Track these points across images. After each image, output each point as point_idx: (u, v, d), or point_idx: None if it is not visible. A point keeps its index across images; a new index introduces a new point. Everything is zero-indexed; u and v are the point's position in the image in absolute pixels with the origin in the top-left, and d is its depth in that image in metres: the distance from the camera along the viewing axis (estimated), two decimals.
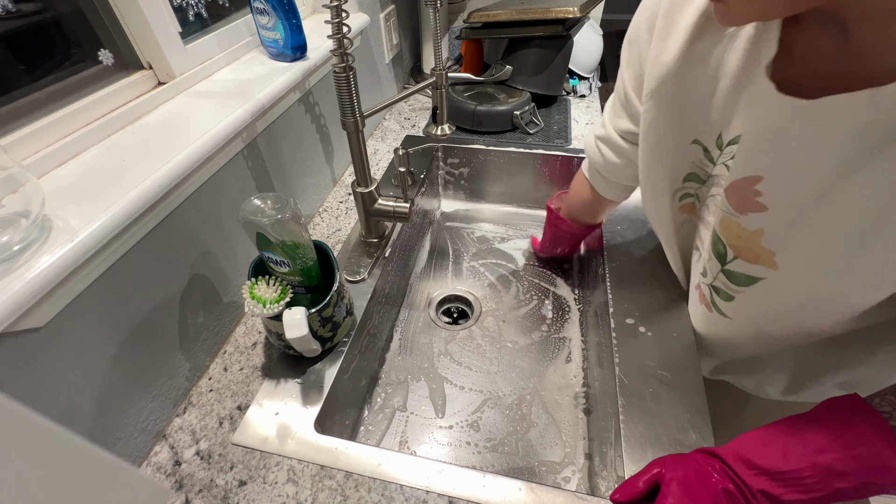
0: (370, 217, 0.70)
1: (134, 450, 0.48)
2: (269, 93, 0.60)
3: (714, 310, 0.51)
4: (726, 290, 0.48)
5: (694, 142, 0.46)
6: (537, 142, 0.96)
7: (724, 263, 0.46)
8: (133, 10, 0.52)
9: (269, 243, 0.48)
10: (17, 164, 0.36)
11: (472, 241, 0.96)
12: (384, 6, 1.00)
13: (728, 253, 0.45)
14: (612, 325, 0.60)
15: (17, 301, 0.33)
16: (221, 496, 0.46)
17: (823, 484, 0.34)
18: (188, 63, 0.60)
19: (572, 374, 0.72)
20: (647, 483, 0.41)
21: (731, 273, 0.46)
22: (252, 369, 0.57)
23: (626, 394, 0.52)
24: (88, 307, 0.41)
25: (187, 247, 0.52)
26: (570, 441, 0.64)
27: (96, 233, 0.38)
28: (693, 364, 0.55)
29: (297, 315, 0.49)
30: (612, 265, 0.68)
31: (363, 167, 0.64)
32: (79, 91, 0.49)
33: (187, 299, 0.53)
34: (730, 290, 0.48)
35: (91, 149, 0.48)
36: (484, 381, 0.71)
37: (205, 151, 0.49)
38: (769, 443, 0.38)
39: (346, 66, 0.53)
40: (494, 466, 0.62)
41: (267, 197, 0.48)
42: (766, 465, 0.37)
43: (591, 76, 1.21)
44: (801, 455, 0.36)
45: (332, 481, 0.47)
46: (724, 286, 0.48)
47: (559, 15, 0.95)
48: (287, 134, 0.69)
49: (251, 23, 0.70)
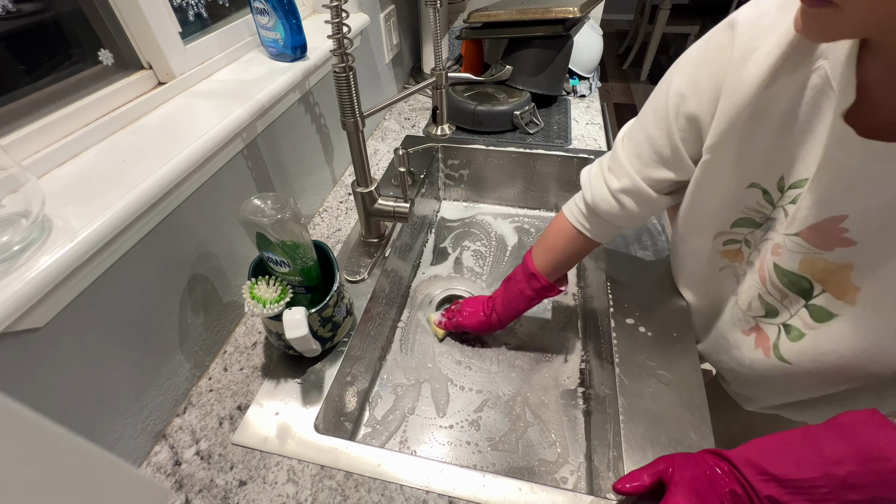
0: (370, 217, 0.70)
1: (134, 450, 0.48)
2: (269, 93, 0.60)
3: (774, 355, 0.49)
4: (801, 328, 0.46)
5: (751, 185, 0.45)
6: (537, 142, 0.96)
7: (810, 298, 0.44)
8: (133, 10, 0.52)
9: (268, 243, 0.48)
10: (17, 164, 0.36)
11: (472, 241, 0.96)
12: (384, 6, 1.00)
13: (814, 288, 0.44)
14: (612, 325, 0.60)
15: (17, 301, 0.33)
16: (221, 496, 0.46)
17: (834, 495, 0.34)
18: (188, 63, 0.60)
19: (572, 374, 0.72)
20: (652, 477, 0.41)
21: (815, 308, 0.44)
22: (252, 369, 0.57)
23: (626, 394, 0.52)
24: (88, 307, 0.41)
25: (187, 247, 0.52)
26: (570, 441, 0.64)
27: (96, 233, 0.38)
28: (693, 364, 0.55)
29: (297, 315, 0.49)
30: (611, 265, 0.68)
31: (363, 167, 0.64)
32: (79, 91, 0.49)
33: (187, 299, 0.53)
34: (805, 329, 0.46)
35: (91, 149, 0.48)
36: (484, 381, 0.71)
37: (205, 151, 0.49)
38: (783, 450, 0.38)
39: (346, 66, 0.54)
40: (494, 466, 0.62)
41: (267, 197, 0.48)
42: (777, 471, 0.36)
43: (591, 76, 1.21)
44: (815, 464, 0.35)
45: (332, 481, 0.47)
46: (802, 324, 0.46)
47: (559, 15, 0.95)
48: (287, 134, 0.69)
49: (251, 23, 0.70)
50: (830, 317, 0.43)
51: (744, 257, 0.51)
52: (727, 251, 0.53)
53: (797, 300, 0.46)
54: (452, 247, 0.95)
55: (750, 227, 0.49)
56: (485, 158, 0.97)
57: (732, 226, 0.50)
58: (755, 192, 0.45)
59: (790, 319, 0.47)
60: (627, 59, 3.72)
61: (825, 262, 0.41)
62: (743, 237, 0.50)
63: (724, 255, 0.53)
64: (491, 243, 0.95)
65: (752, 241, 0.50)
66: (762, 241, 0.48)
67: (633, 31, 3.89)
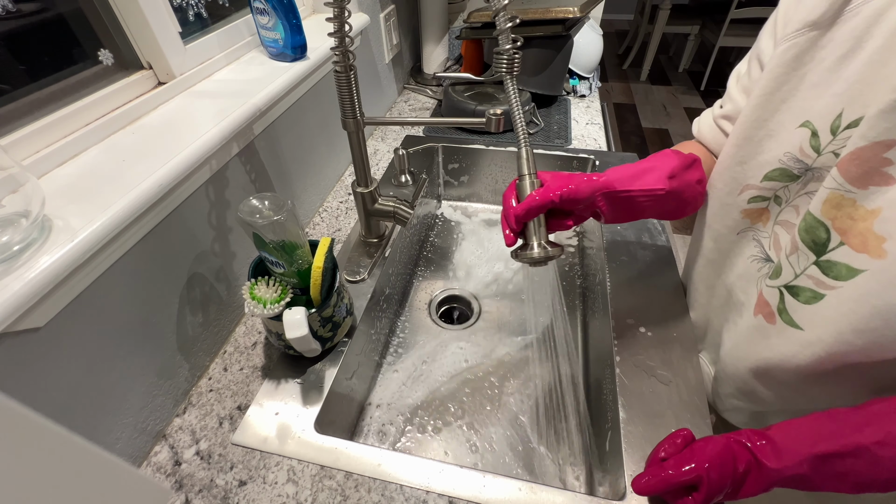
0: (370, 217, 0.70)
1: (134, 450, 0.48)
2: (269, 93, 0.60)
3: (779, 321, 0.43)
4: (815, 288, 0.40)
5: (803, 124, 0.40)
6: (537, 142, 0.96)
7: (824, 252, 0.38)
8: (133, 10, 0.52)
9: (264, 244, 0.48)
10: (17, 164, 0.36)
11: (472, 241, 0.96)
12: (384, 6, 1.00)
13: (832, 238, 0.38)
14: (612, 325, 0.60)
15: (17, 301, 0.33)
16: (221, 496, 0.46)
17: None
18: (188, 63, 0.60)
19: (572, 374, 0.72)
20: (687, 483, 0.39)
21: (831, 264, 0.38)
22: (252, 369, 0.57)
23: (626, 394, 0.52)
24: (88, 307, 0.41)
25: (187, 247, 0.52)
26: (570, 441, 0.64)
27: (96, 233, 0.38)
28: (693, 364, 0.55)
29: (297, 315, 0.49)
30: (612, 265, 0.68)
31: (363, 167, 0.64)
32: (79, 91, 0.49)
33: (187, 299, 0.53)
34: (820, 288, 0.39)
35: (91, 149, 0.48)
36: (484, 381, 0.71)
37: (205, 151, 0.49)
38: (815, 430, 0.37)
39: (347, 66, 0.53)
40: (494, 466, 0.62)
41: (265, 197, 0.48)
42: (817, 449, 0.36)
43: (591, 76, 1.21)
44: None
45: (332, 481, 0.47)
46: (814, 283, 0.40)
47: (559, 15, 0.95)
48: (287, 134, 0.69)
49: (251, 23, 0.70)
50: (854, 273, 0.37)
51: (770, 217, 0.45)
52: (750, 210, 0.46)
53: (806, 255, 0.40)
54: (452, 247, 0.95)
55: (784, 181, 0.43)
56: (485, 158, 0.97)
57: (764, 178, 0.44)
58: (803, 134, 0.40)
59: (795, 280, 0.41)
60: (627, 59, 3.72)
61: (853, 206, 0.36)
62: (773, 193, 0.44)
63: (746, 215, 0.47)
64: (490, 244, 0.95)
65: (784, 197, 0.43)
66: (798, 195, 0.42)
67: (633, 31, 3.89)
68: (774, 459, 0.37)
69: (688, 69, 3.64)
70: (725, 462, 0.39)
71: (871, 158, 0.34)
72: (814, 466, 0.36)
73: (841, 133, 0.38)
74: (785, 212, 0.44)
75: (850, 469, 0.35)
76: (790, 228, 0.43)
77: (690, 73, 3.62)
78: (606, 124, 1.06)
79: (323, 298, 0.53)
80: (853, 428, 0.36)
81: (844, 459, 0.35)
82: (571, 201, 0.45)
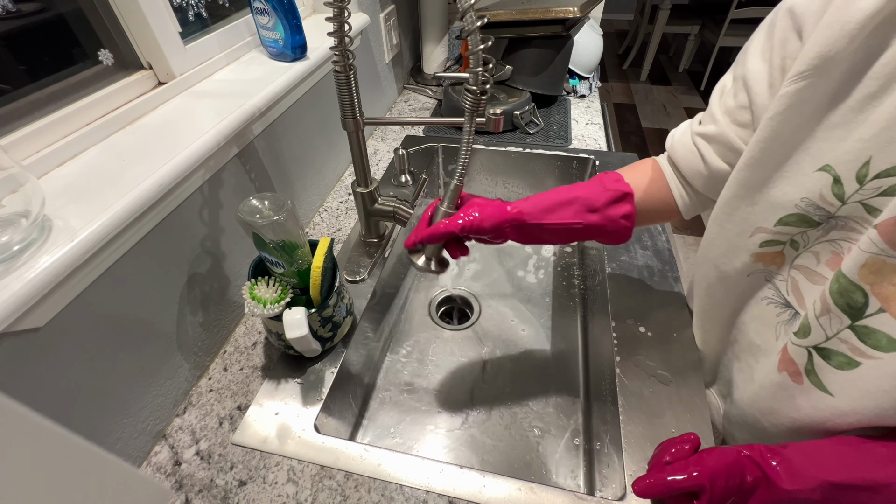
0: (370, 217, 0.70)
1: (134, 450, 0.48)
2: (269, 93, 0.60)
3: (807, 382, 0.39)
4: (850, 354, 0.36)
5: (823, 168, 0.36)
6: (537, 142, 0.96)
7: (860, 318, 0.35)
8: (133, 10, 0.52)
9: (265, 244, 0.48)
10: (17, 164, 0.36)
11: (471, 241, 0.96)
12: (384, 6, 1.00)
13: (870, 303, 0.34)
14: (612, 325, 0.60)
15: (17, 301, 0.33)
16: (221, 496, 0.46)
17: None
18: (188, 63, 0.60)
19: (572, 374, 0.72)
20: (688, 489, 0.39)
21: (870, 331, 0.35)
22: (252, 369, 0.57)
23: (626, 394, 0.52)
24: (88, 307, 0.41)
25: (187, 247, 0.52)
26: (570, 441, 0.64)
27: (96, 233, 0.38)
28: (693, 364, 0.55)
29: (297, 315, 0.49)
30: (611, 265, 0.68)
31: (363, 167, 0.64)
32: (79, 91, 0.49)
33: (187, 299, 0.53)
34: (856, 355, 0.36)
35: (91, 149, 0.48)
36: (484, 381, 0.71)
37: (205, 151, 0.49)
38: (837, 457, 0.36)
39: (347, 66, 0.53)
40: (494, 466, 0.62)
41: (265, 197, 0.48)
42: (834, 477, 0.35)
43: (591, 76, 1.21)
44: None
45: (332, 481, 0.47)
46: (849, 349, 0.36)
47: (559, 15, 0.95)
48: (287, 134, 0.69)
49: (251, 23, 0.70)
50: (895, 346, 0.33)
51: (786, 262, 0.42)
52: (763, 254, 0.42)
53: (839, 318, 0.36)
54: None
55: (801, 227, 0.39)
56: (485, 158, 0.97)
57: (778, 223, 0.40)
58: (823, 180, 0.36)
59: (826, 342, 0.37)
60: (627, 59, 3.72)
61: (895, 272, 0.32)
62: (789, 238, 0.40)
63: (758, 259, 0.43)
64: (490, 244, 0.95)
65: (802, 243, 0.40)
66: (819, 241, 0.39)
67: (633, 31, 3.89)
68: (788, 481, 0.36)
69: (688, 69, 3.64)
70: (732, 475, 0.37)
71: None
72: (827, 494, 0.35)
73: (869, 182, 0.34)
74: (803, 257, 0.41)
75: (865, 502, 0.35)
76: (811, 276, 0.40)
77: (690, 73, 3.62)
78: (606, 124, 1.06)
79: (323, 298, 0.53)
80: (878, 462, 0.35)
81: (861, 492, 0.34)
82: (475, 231, 0.47)
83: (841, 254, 0.37)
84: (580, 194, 0.48)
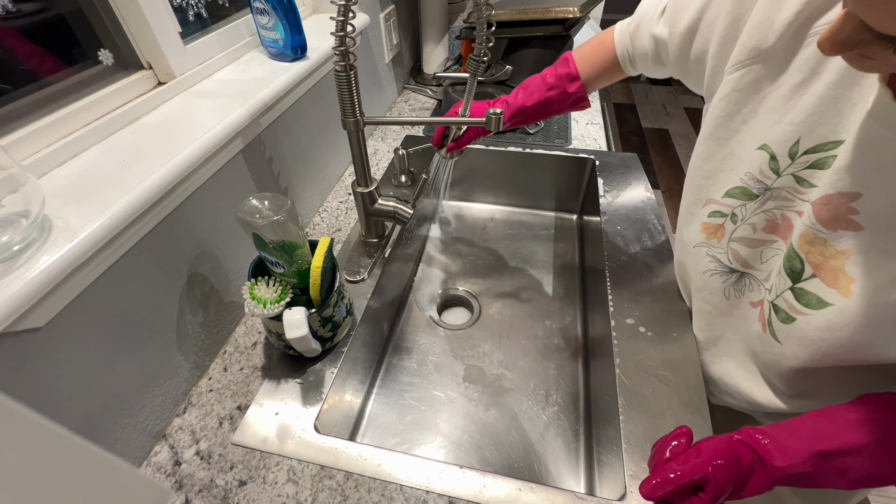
0: (370, 217, 0.70)
1: (134, 450, 0.48)
2: (269, 93, 0.60)
3: (769, 331, 0.46)
4: (788, 311, 0.43)
5: (761, 147, 0.41)
6: (537, 142, 0.96)
7: (798, 281, 0.41)
8: (133, 10, 0.52)
9: (265, 244, 0.48)
10: (17, 164, 0.36)
11: (472, 241, 0.96)
12: (384, 6, 1.00)
13: (805, 270, 0.40)
14: (612, 325, 0.60)
15: (17, 301, 0.33)
16: (221, 496, 0.46)
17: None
18: (188, 63, 0.60)
19: (572, 374, 0.72)
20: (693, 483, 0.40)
21: (804, 293, 0.41)
22: (252, 369, 0.57)
23: (626, 394, 0.52)
24: (88, 307, 0.41)
25: (187, 247, 0.52)
26: (570, 441, 0.64)
27: (96, 233, 0.38)
28: (693, 364, 0.55)
29: (297, 315, 0.49)
30: (612, 265, 0.68)
31: (363, 167, 0.64)
32: (79, 91, 0.49)
33: (187, 299, 0.53)
34: (792, 312, 0.42)
35: (91, 149, 0.48)
36: (484, 381, 0.71)
37: (205, 151, 0.49)
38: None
39: (348, 66, 0.53)
40: (494, 466, 0.62)
41: (265, 197, 0.48)
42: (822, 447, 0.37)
43: None
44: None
45: (332, 481, 0.47)
46: (788, 307, 0.43)
47: (559, 15, 0.95)
48: (287, 134, 0.69)
49: (251, 23, 0.70)
50: (823, 305, 0.40)
51: (725, 235, 0.48)
52: (708, 224, 0.49)
53: (784, 280, 0.43)
54: (452, 247, 0.95)
55: (743, 200, 0.45)
56: (485, 158, 0.97)
57: (725, 194, 0.46)
58: (762, 157, 0.42)
59: (776, 300, 0.44)
60: None
61: (824, 245, 0.38)
62: (731, 210, 0.46)
63: (704, 229, 0.49)
64: (490, 243, 0.95)
65: (741, 216, 0.46)
66: (755, 213, 0.44)
67: None
68: (780, 458, 0.38)
69: None
70: (730, 460, 0.39)
71: (840, 206, 0.37)
72: (816, 464, 0.37)
73: (799, 158, 0.40)
74: (741, 229, 0.47)
75: (851, 465, 0.37)
76: (749, 243, 0.46)
77: None
78: (606, 124, 1.06)
79: (323, 298, 0.53)
80: (853, 426, 0.37)
81: (846, 457, 0.36)
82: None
83: (776, 220, 0.43)
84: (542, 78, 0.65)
